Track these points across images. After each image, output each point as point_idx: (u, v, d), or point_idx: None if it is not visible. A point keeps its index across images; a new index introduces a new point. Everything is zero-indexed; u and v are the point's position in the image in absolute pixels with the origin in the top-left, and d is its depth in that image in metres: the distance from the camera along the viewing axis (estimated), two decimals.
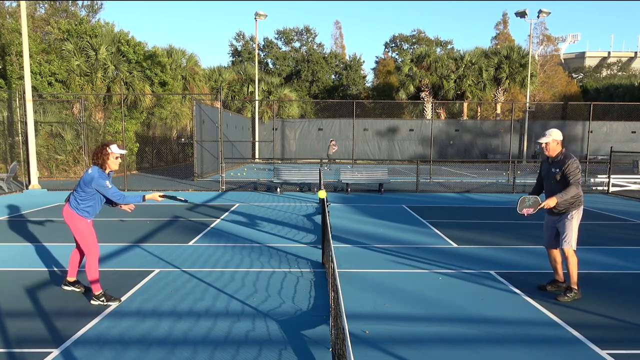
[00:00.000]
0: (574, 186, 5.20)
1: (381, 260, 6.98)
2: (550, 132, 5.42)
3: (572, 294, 5.28)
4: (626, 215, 11.25)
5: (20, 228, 9.22)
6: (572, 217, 5.30)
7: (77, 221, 5.08)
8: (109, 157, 5.07)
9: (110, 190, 5.03)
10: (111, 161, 5.09)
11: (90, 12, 30.55)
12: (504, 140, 33.98)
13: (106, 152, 5.05)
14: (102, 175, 5.03)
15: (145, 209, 11.71)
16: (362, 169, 16.33)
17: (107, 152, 5.05)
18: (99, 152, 5.08)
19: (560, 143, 5.44)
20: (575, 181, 5.22)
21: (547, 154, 5.45)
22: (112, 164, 5.10)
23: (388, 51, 57.76)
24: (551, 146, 5.40)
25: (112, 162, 5.10)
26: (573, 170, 5.24)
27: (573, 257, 5.29)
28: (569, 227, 5.29)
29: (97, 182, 4.99)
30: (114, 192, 5.05)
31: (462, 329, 4.51)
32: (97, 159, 5.07)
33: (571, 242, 5.28)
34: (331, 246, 4.31)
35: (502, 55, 38.20)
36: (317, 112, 45.62)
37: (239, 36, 52.50)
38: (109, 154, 5.06)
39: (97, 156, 5.07)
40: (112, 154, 5.08)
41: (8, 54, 19.63)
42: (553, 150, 5.41)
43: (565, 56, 75.14)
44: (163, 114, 25.00)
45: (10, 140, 18.40)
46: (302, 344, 4.17)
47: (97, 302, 5.06)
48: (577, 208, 5.32)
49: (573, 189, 5.20)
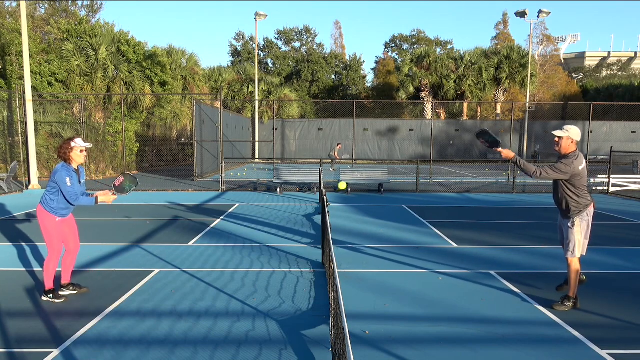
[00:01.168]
0: (542, 168, 4.90)
1: (381, 260, 6.98)
2: (569, 128, 4.99)
3: (569, 303, 5.07)
4: (626, 215, 11.25)
5: (20, 228, 9.22)
6: (573, 225, 5.07)
7: (44, 218, 5.07)
8: (72, 151, 5.03)
9: (68, 187, 4.96)
10: (75, 154, 5.05)
11: (90, 12, 30.55)
12: (504, 140, 33.94)
13: (69, 146, 5.03)
14: (65, 169, 5.00)
15: (145, 209, 11.72)
16: (362, 169, 16.33)
17: (71, 146, 5.02)
18: (63, 145, 5.06)
19: (576, 144, 5.00)
20: (551, 166, 4.91)
21: (558, 149, 5.04)
22: (76, 157, 5.07)
23: (388, 51, 57.77)
24: (564, 143, 4.99)
25: (77, 156, 5.07)
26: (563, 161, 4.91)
27: (574, 266, 5.08)
28: (572, 235, 5.07)
29: (59, 176, 4.95)
30: (70, 190, 4.98)
31: (462, 329, 4.51)
32: (62, 153, 5.05)
33: (574, 251, 5.06)
34: (331, 246, 4.31)
35: (502, 55, 38.20)
36: (317, 112, 45.63)
37: (238, 36, 52.54)
38: (72, 147, 5.03)
39: (61, 150, 5.05)
40: (76, 147, 5.04)
41: (8, 54, 19.64)
42: (565, 147, 5.00)
43: (565, 56, 75.13)
44: (163, 114, 25.00)
45: (10, 140, 18.40)
46: (302, 344, 4.17)
47: (46, 298, 5.14)
48: (579, 215, 5.06)
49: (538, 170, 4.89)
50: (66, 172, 4.99)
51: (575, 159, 4.93)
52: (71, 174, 5.03)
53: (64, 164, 5.05)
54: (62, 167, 5.02)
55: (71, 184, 4.98)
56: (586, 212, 5.12)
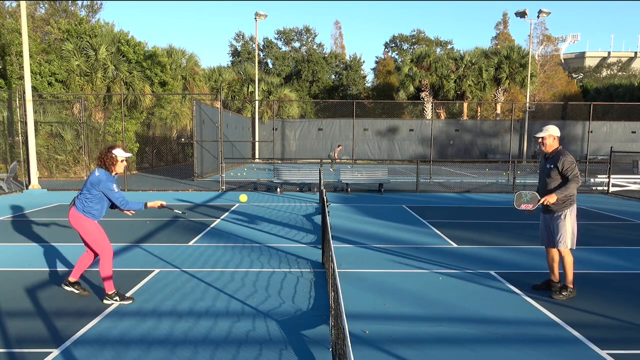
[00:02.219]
0: (573, 182, 5.18)
1: (381, 260, 6.98)
2: (547, 128, 5.39)
3: (567, 292, 5.31)
4: (626, 215, 11.25)
5: (20, 228, 9.23)
6: (565, 217, 5.28)
7: (84, 222, 5.10)
8: (116, 161, 5.14)
9: (116, 194, 5.08)
10: (117, 165, 5.17)
11: (90, 12, 30.54)
12: (504, 140, 33.98)
13: (112, 155, 5.12)
14: (109, 178, 5.08)
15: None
16: (362, 169, 16.33)
17: (114, 156, 5.12)
18: (105, 155, 5.13)
19: (558, 140, 5.40)
20: (573, 176, 5.19)
21: (544, 149, 5.43)
22: (118, 167, 5.19)
23: (388, 51, 57.77)
24: (548, 141, 5.37)
25: (119, 166, 5.19)
26: (569, 165, 5.20)
27: (569, 256, 5.31)
28: (563, 227, 5.27)
29: (105, 185, 5.03)
30: (119, 196, 5.09)
31: (462, 329, 4.51)
32: (104, 162, 5.13)
33: (567, 242, 5.27)
34: (331, 246, 4.31)
35: (502, 55, 38.20)
36: (317, 112, 45.62)
37: (238, 36, 52.52)
38: (115, 157, 5.12)
39: (104, 160, 5.13)
40: (118, 157, 5.15)
41: (8, 54, 19.64)
42: (550, 145, 5.38)
43: (565, 56, 75.14)
44: (163, 114, 24.99)
45: (10, 140, 18.40)
46: (302, 344, 4.17)
47: (110, 302, 5.08)
48: (570, 207, 5.29)
49: (573, 185, 5.17)
50: (111, 180, 5.08)
51: (566, 154, 5.30)
52: (114, 180, 5.15)
53: (105, 172, 5.11)
54: (106, 176, 5.07)
55: (118, 190, 5.10)
56: (574, 207, 5.36)
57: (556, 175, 5.29)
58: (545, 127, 5.43)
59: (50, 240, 8.19)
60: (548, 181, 5.35)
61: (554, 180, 5.30)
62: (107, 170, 5.14)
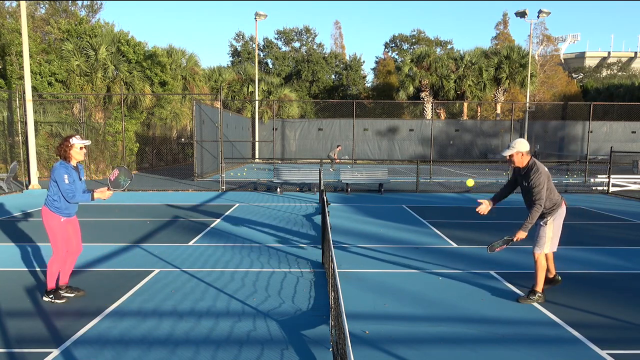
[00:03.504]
0: (537, 205, 5.02)
1: (381, 260, 6.98)
2: (514, 144, 5.16)
3: (535, 297, 5.23)
4: (626, 215, 11.25)
5: (20, 228, 9.22)
6: (546, 224, 5.21)
7: (49, 218, 5.09)
8: (71, 148, 5.08)
9: (65, 185, 4.99)
10: (74, 152, 5.10)
11: (90, 12, 30.55)
12: (504, 140, 33.96)
13: (68, 143, 5.08)
14: (63, 166, 5.03)
15: (146, 209, 11.72)
16: (362, 169, 16.33)
17: (70, 144, 5.08)
18: (62, 144, 5.11)
19: (527, 154, 5.16)
20: (539, 199, 5.00)
21: (514, 166, 5.25)
22: (75, 154, 5.11)
23: (388, 51, 57.76)
24: (516, 159, 5.16)
25: (76, 153, 5.11)
26: (537, 185, 4.99)
27: (541, 261, 5.25)
28: (542, 233, 5.23)
29: (57, 173, 4.99)
30: (67, 187, 5.00)
31: (462, 329, 4.51)
32: (61, 151, 5.10)
33: (542, 247, 5.23)
34: (331, 246, 4.31)
35: (502, 55, 38.21)
36: (317, 112, 45.62)
37: (238, 36, 52.50)
38: (71, 145, 5.08)
39: (60, 148, 5.11)
40: (75, 145, 5.09)
41: (8, 54, 19.63)
42: (519, 162, 5.18)
43: (565, 56, 75.14)
44: (163, 114, 24.99)
45: (10, 140, 18.40)
46: (302, 344, 4.17)
47: (47, 299, 5.15)
48: (553, 214, 5.21)
49: (535, 211, 5.03)
50: (64, 169, 5.01)
51: (537, 166, 5.10)
52: (70, 171, 5.05)
53: (62, 161, 5.08)
54: (59, 164, 5.04)
55: (69, 182, 5.00)
56: (558, 212, 5.27)
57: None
58: (512, 142, 5.20)
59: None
60: (528, 193, 5.21)
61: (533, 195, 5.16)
62: (65, 160, 5.10)
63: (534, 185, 5.04)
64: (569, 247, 7.90)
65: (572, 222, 9.96)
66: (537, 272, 5.26)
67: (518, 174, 5.38)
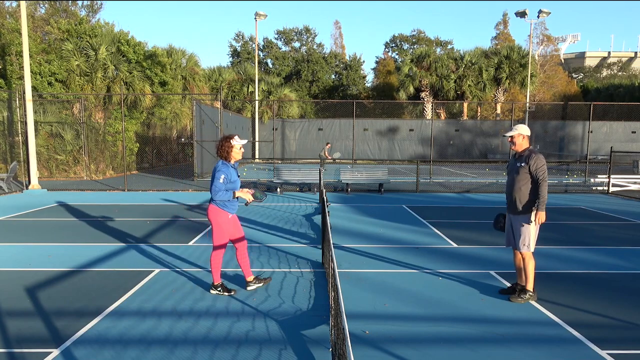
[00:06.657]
0: (544, 183, 5.14)
1: (381, 260, 6.98)
2: (517, 127, 5.39)
3: (526, 296, 5.24)
4: (626, 215, 11.24)
5: (20, 228, 9.22)
6: (530, 220, 5.20)
7: (217, 214, 5.28)
8: (232, 149, 5.28)
9: (218, 183, 5.17)
10: (235, 152, 5.31)
11: (90, 12, 30.54)
12: (504, 140, 33.96)
13: (229, 144, 5.27)
14: (225, 166, 5.24)
15: (145, 209, 11.72)
16: (362, 169, 16.32)
17: (230, 145, 5.27)
18: (222, 145, 5.31)
19: (528, 139, 5.37)
20: (543, 178, 5.14)
21: (514, 148, 5.41)
22: (236, 154, 5.33)
23: (388, 51, 57.75)
24: (517, 140, 5.36)
25: (236, 153, 5.33)
26: (541, 166, 5.15)
27: (531, 259, 5.25)
28: (527, 230, 5.21)
29: (218, 172, 5.18)
30: (216, 185, 5.17)
31: (462, 329, 4.51)
32: (223, 151, 5.30)
33: (530, 245, 5.22)
34: (331, 246, 4.31)
35: (502, 55, 38.20)
36: (317, 112, 45.61)
37: (238, 36, 52.47)
38: (232, 146, 5.28)
39: (222, 149, 5.30)
40: (235, 146, 5.29)
41: (8, 54, 19.62)
42: (520, 145, 5.36)
43: (565, 56, 75.15)
44: (163, 114, 24.99)
45: (10, 140, 18.40)
46: (302, 344, 4.17)
47: (215, 292, 5.40)
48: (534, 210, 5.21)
49: (544, 186, 5.13)
50: (225, 169, 5.23)
51: (537, 153, 5.29)
52: (229, 170, 5.26)
53: (223, 161, 5.30)
54: (222, 164, 5.27)
55: (224, 181, 5.18)
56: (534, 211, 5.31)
57: (525, 174, 5.21)
58: (515, 126, 5.41)
59: (49, 240, 8.19)
60: (517, 179, 5.27)
61: (523, 178, 5.23)
62: (225, 160, 5.30)
63: (539, 163, 5.18)
64: (569, 247, 7.90)
65: (572, 222, 9.98)
66: (527, 270, 5.27)
67: (513, 159, 5.51)
